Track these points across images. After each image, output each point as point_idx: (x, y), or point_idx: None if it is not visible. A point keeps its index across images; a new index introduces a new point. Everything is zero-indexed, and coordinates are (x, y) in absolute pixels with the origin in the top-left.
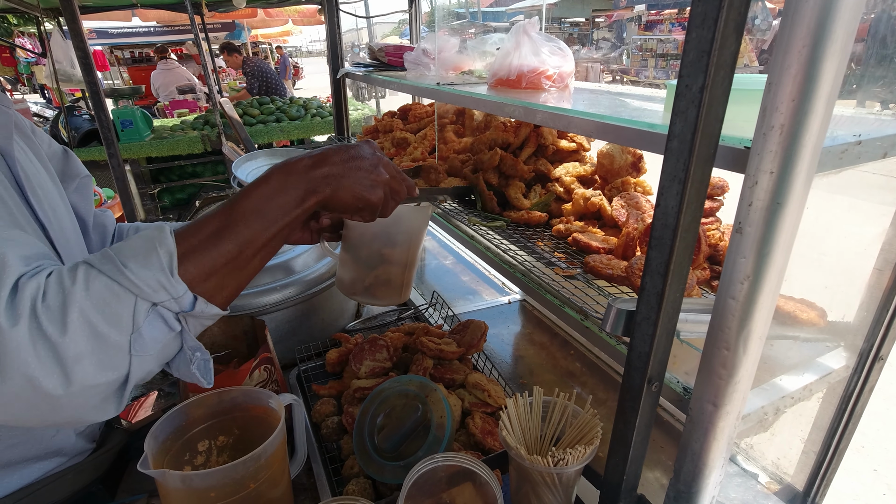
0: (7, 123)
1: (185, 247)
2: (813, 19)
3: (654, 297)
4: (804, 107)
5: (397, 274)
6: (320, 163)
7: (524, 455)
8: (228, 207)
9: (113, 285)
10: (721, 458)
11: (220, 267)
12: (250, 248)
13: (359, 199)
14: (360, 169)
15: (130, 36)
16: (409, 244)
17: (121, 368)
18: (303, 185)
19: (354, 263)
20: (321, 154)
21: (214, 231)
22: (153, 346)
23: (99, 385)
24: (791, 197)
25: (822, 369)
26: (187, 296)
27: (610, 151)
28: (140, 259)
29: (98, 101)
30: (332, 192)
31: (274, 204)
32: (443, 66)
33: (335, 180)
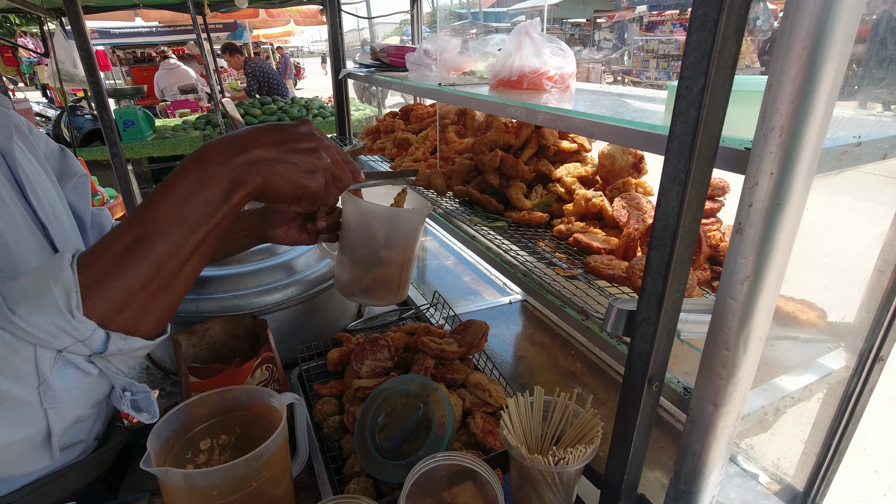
0: (6, 124)
1: (89, 277)
2: (813, 21)
3: (654, 297)
4: (804, 108)
5: (394, 274)
6: (246, 146)
7: (525, 454)
8: (137, 217)
9: (5, 335)
10: (721, 458)
11: (138, 292)
12: (173, 263)
13: (296, 186)
14: (295, 151)
15: (132, 36)
16: (406, 245)
17: (36, 423)
18: (225, 175)
19: (352, 265)
20: (246, 135)
21: (123, 250)
22: (69, 395)
23: (12, 444)
24: (791, 198)
25: (823, 370)
26: (97, 335)
27: (611, 152)
28: (32, 301)
29: (101, 101)
30: (264, 180)
31: (192, 206)
32: (444, 66)
33: (266, 166)
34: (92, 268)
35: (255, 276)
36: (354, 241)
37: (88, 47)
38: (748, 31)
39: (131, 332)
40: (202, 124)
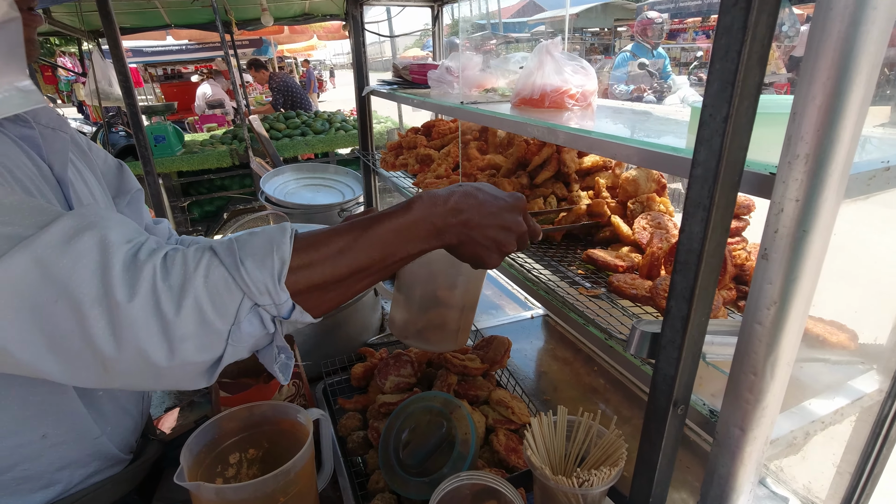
0: (63, 148)
1: (301, 259)
2: (837, 51)
3: (679, 320)
4: (830, 136)
5: (453, 318)
6: (461, 209)
7: (549, 475)
8: (359, 230)
9: (228, 279)
10: (749, 483)
11: (328, 285)
12: (363, 274)
13: (477, 257)
14: (497, 228)
15: (164, 54)
16: (468, 286)
17: (216, 352)
18: (438, 224)
19: (407, 304)
20: (465, 196)
21: (336, 251)
22: (247, 339)
23: (196, 363)
24: (817, 225)
25: (854, 393)
26: (287, 304)
27: (635, 178)
28: (257, 260)
29: (137, 120)
30: (458, 241)
31: (405, 236)
32: (466, 84)
33: (467, 231)
34: (307, 254)
35: None
36: (412, 279)
37: (126, 70)
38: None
39: (308, 310)
40: (229, 139)
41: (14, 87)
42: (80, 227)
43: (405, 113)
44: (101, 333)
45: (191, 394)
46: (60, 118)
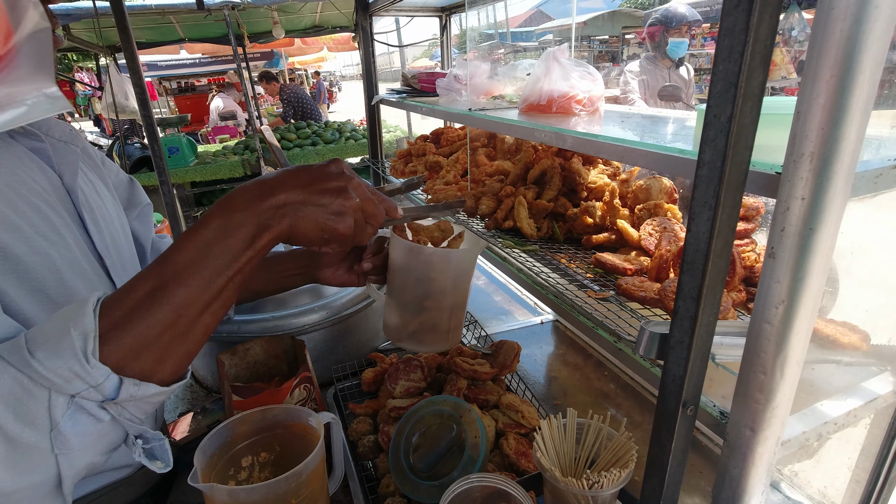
0: (74, 160)
1: (108, 322)
2: (840, 50)
3: (687, 321)
4: (834, 135)
5: (443, 319)
6: (272, 190)
7: (559, 477)
8: (159, 264)
9: (22, 378)
10: (761, 485)
11: (155, 339)
12: (192, 309)
13: (323, 229)
14: (322, 193)
15: (178, 67)
16: (456, 288)
17: (46, 469)
18: (251, 220)
19: (398, 308)
20: (273, 179)
21: (144, 296)
22: (81, 441)
23: (21, 490)
24: (824, 223)
25: (868, 394)
26: (110, 381)
27: (648, 187)
28: (51, 345)
29: (153, 132)
30: (290, 224)
31: (216, 251)
32: (474, 91)
33: (292, 209)
34: (112, 313)
35: (292, 297)
36: (400, 284)
37: (142, 83)
38: (783, 41)
39: (147, 378)
40: (241, 149)
41: (42, 94)
42: None
43: (414, 121)
44: None
45: (203, 399)
46: (73, 131)
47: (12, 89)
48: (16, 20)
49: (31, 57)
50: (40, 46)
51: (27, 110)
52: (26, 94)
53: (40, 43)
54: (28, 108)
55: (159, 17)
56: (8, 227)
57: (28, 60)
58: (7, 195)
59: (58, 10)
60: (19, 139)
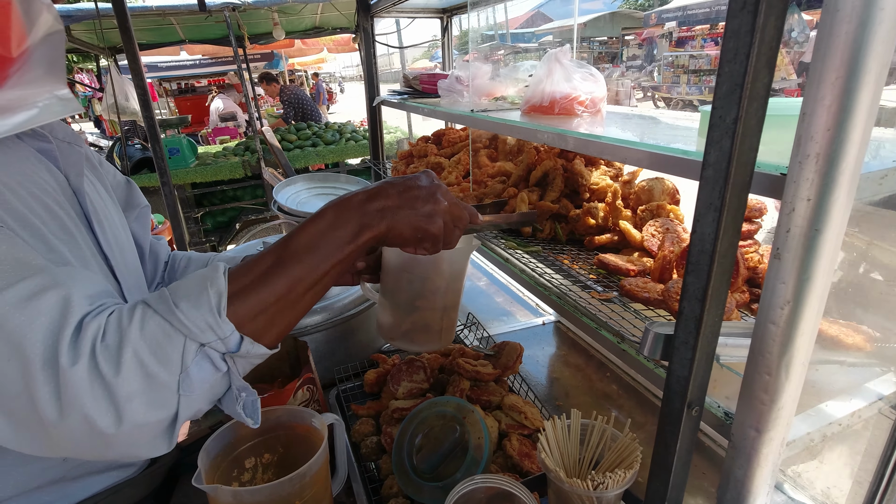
0: (79, 161)
1: (236, 286)
2: (845, 52)
3: (692, 321)
4: (840, 136)
5: (435, 319)
6: (375, 196)
7: (563, 478)
8: (282, 244)
9: (165, 325)
10: (766, 486)
11: (270, 305)
12: (301, 286)
13: (417, 229)
14: (416, 199)
15: (178, 69)
16: (448, 288)
17: (170, 407)
18: (356, 219)
19: (391, 308)
20: (376, 188)
21: (266, 269)
22: (200, 387)
23: (149, 424)
24: (830, 224)
25: (872, 395)
26: (234, 336)
27: (651, 188)
28: (192, 299)
29: (154, 133)
30: (388, 225)
31: (327, 240)
32: (476, 92)
33: (391, 213)
34: (239, 280)
35: None
36: (393, 284)
37: (144, 85)
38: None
39: (258, 339)
40: (241, 150)
41: (54, 96)
42: (45, 285)
43: (415, 123)
44: (46, 398)
45: None
46: (75, 133)
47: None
48: (30, 22)
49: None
50: (53, 49)
51: (39, 112)
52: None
53: (53, 45)
54: (40, 110)
55: (160, 19)
56: (25, 225)
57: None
58: (21, 195)
59: (59, 11)
60: (27, 140)
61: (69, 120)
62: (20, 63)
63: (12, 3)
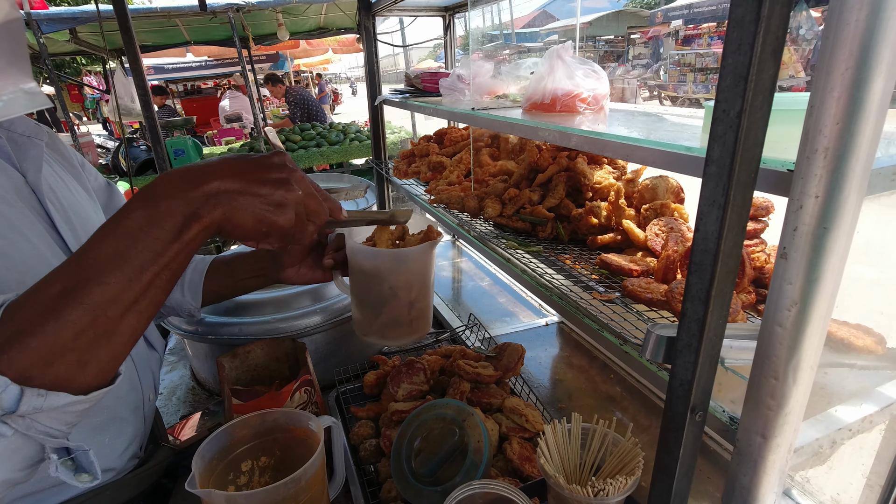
0: (37, 156)
1: (13, 326)
2: (856, 41)
3: (695, 323)
4: (850, 129)
5: (403, 314)
6: (205, 176)
7: (563, 484)
8: (75, 259)
9: None
10: (772, 494)
11: (71, 342)
12: (114, 309)
13: (262, 221)
14: (262, 183)
15: (184, 70)
16: (411, 284)
17: None
18: (179, 209)
19: (360, 306)
20: (206, 165)
21: (56, 296)
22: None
23: None
24: (839, 222)
25: (884, 399)
26: (8, 392)
27: (655, 186)
28: None
29: (155, 134)
30: (224, 214)
31: (140, 244)
32: (477, 91)
33: (227, 198)
34: (16, 318)
35: (294, 299)
36: (357, 284)
37: (145, 85)
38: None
39: (65, 385)
40: (246, 151)
41: (20, 90)
42: None
43: (419, 122)
44: None
45: (206, 401)
46: (37, 127)
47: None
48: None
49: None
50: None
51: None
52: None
53: (12, 34)
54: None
55: (165, 20)
56: None
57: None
58: None
59: (63, 13)
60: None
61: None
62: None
63: None
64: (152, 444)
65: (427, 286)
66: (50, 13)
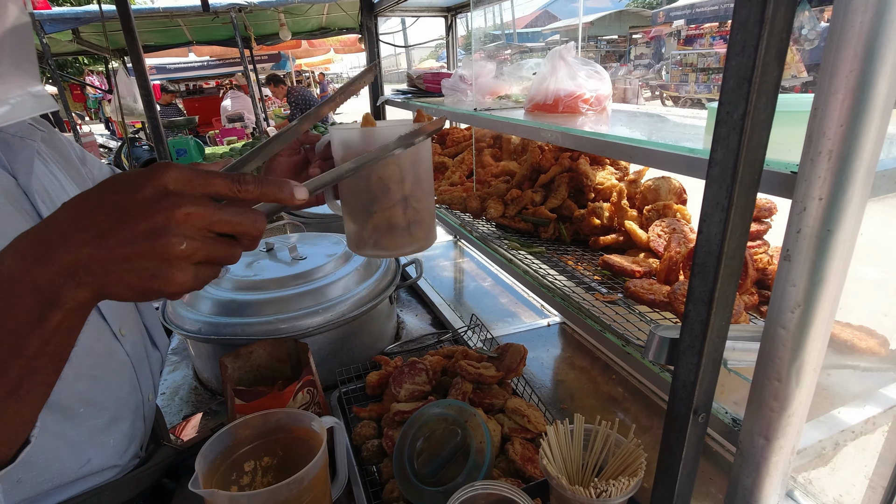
0: (29, 158)
1: None
2: (860, 43)
3: (698, 325)
4: (854, 131)
5: (397, 215)
6: (55, 249)
7: (566, 485)
8: None
9: None
10: (775, 495)
11: None
12: None
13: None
14: (129, 243)
15: (186, 70)
16: (402, 173)
17: None
18: (30, 296)
19: (351, 216)
20: (57, 227)
21: None
22: None
23: None
24: (843, 224)
25: (887, 401)
26: None
27: (657, 188)
28: None
29: (158, 134)
30: (93, 293)
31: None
32: (480, 91)
33: (88, 274)
34: None
35: (296, 300)
36: (345, 189)
37: (148, 86)
38: (793, 40)
39: None
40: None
41: (28, 93)
42: None
43: None
44: None
45: (208, 401)
46: (29, 128)
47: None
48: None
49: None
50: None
51: (11, 109)
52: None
53: (20, 38)
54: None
55: (167, 21)
56: None
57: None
58: None
59: (66, 13)
60: None
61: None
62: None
63: None
64: (153, 443)
65: (422, 182)
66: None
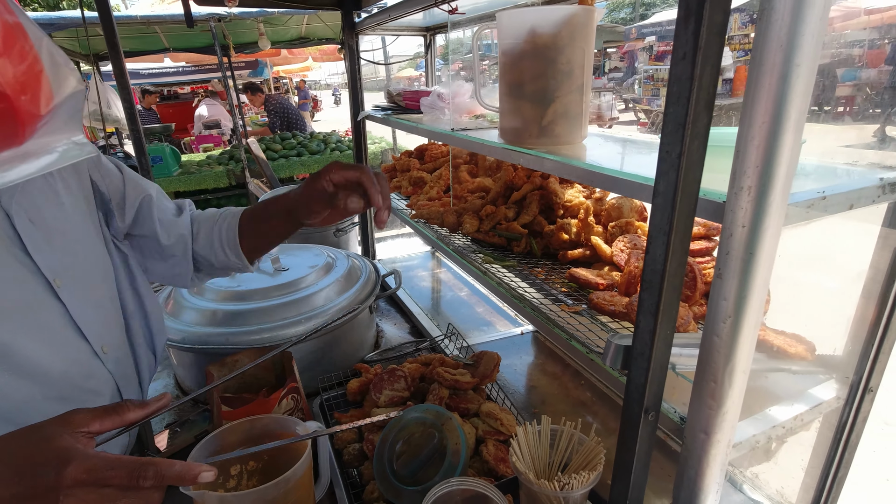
0: None
1: None
2: (770, 100)
3: (647, 334)
4: (768, 171)
5: (576, 101)
6: None
7: (533, 480)
8: None
9: None
10: (716, 484)
11: None
12: None
13: None
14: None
15: (161, 76)
16: (586, 47)
17: None
18: None
19: (521, 104)
20: None
21: None
22: None
23: None
24: (762, 248)
25: (814, 400)
26: None
27: (620, 205)
28: None
29: (141, 145)
30: None
31: None
32: (457, 110)
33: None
34: None
35: (280, 309)
36: (520, 70)
37: (130, 98)
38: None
39: None
40: (226, 159)
41: (72, 142)
42: None
43: (399, 135)
44: None
45: (189, 410)
46: None
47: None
48: (57, 86)
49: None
50: (74, 104)
51: (59, 157)
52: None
53: (75, 102)
54: (60, 154)
55: (144, 27)
56: None
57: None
58: None
59: (41, 19)
60: None
61: None
62: (47, 118)
63: (44, 72)
64: (138, 452)
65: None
66: None
